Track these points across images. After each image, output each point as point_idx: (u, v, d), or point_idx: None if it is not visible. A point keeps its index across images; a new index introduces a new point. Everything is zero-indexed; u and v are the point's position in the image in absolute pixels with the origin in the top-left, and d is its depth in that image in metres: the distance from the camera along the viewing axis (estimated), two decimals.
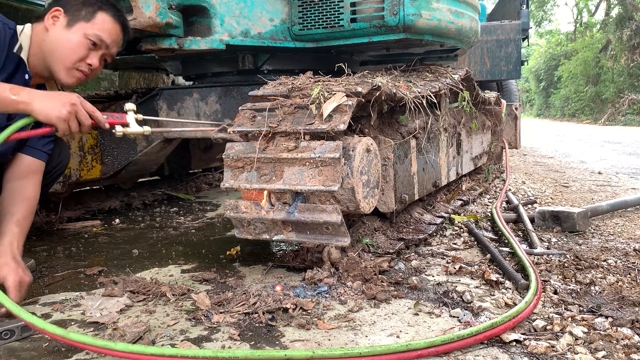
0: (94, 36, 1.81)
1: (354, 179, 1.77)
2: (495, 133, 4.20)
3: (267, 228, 1.89)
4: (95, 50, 1.84)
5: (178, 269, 2.13)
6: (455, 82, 2.74)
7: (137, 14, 2.11)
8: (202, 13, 2.35)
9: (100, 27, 1.83)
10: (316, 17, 2.52)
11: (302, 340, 1.42)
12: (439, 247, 2.31)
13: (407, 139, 2.29)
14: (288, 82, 2.02)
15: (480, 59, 6.65)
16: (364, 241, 2.04)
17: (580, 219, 2.56)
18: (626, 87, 18.37)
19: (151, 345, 1.38)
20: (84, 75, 1.85)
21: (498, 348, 1.36)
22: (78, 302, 1.77)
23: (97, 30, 1.82)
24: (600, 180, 4.47)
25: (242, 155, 1.87)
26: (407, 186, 2.31)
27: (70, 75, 1.83)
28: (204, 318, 1.57)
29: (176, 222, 3.05)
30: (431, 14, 2.50)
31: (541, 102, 29.16)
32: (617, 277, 1.85)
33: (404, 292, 1.77)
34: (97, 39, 1.82)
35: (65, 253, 2.43)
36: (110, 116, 1.83)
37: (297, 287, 1.80)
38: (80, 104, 1.67)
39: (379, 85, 1.92)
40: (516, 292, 1.75)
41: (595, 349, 1.33)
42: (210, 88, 2.76)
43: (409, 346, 1.28)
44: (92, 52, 1.84)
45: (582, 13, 28.11)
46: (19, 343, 1.46)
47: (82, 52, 1.81)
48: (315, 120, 1.80)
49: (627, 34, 18.56)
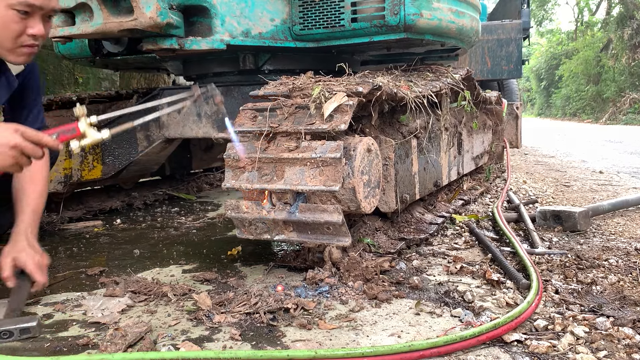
0: (20, 4, 1.54)
1: (355, 179, 1.77)
2: (497, 132, 4.20)
3: (269, 228, 1.89)
4: (31, 17, 1.58)
5: (179, 269, 2.13)
6: (456, 81, 2.74)
7: (137, 14, 2.11)
8: (202, 13, 2.35)
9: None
10: (317, 17, 2.52)
11: (303, 340, 1.42)
12: (440, 247, 2.31)
13: (408, 139, 2.29)
14: (289, 82, 2.02)
15: (481, 58, 6.65)
16: (365, 241, 2.04)
17: (582, 218, 2.56)
18: (627, 86, 18.34)
19: (153, 345, 1.39)
20: (33, 47, 1.64)
21: (499, 348, 1.36)
22: (79, 302, 1.77)
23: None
24: (601, 179, 4.47)
25: (242, 155, 1.87)
26: (408, 186, 2.31)
27: (18, 54, 1.63)
28: (205, 318, 1.57)
29: (177, 222, 3.05)
30: (432, 14, 2.49)
31: (542, 101, 29.13)
32: (618, 276, 1.85)
33: (405, 291, 1.77)
34: (25, 5, 1.54)
35: (67, 253, 2.43)
36: (61, 132, 1.60)
37: (298, 287, 1.80)
38: (22, 138, 1.47)
39: (379, 85, 1.92)
40: (517, 292, 1.75)
41: (596, 348, 1.33)
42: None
43: (412, 347, 1.28)
44: (29, 21, 1.58)
45: (583, 12, 28.11)
46: (21, 343, 1.46)
47: (16, 27, 1.57)
48: (316, 120, 1.80)
49: (628, 33, 18.54)
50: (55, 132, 1.59)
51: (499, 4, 8.44)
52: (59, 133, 1.59)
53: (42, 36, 1.63)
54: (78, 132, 1.61)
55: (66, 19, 2.29)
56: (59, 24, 2.29)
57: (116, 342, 1.36)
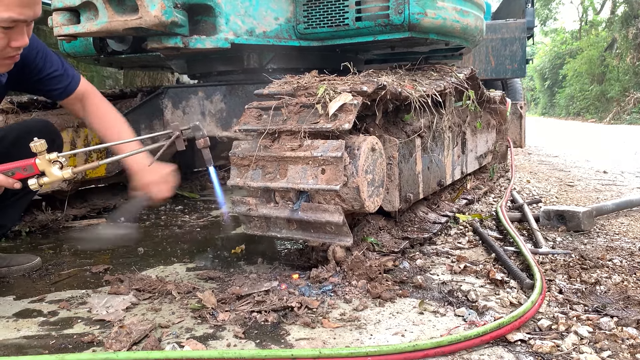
0: (3, 21, 1.42)
1: (359, 178, 1.77)
2: (500, 132, 4.19)
3: (274, 225, 1.90)
4: (13, 30, 1.47)
5: (183, 267, 2.14)
6: (460, 81, 2.74)
7: (142, 13, 2.12)
8: (207, 12, 2.36)
9: (5, 5, 1.41)
10: (321, 16, 2.53)
11: (307, 338, 1.42)
12: (443, 246, 2.31)
13: (412, 138, 2.29)
14: (293, 81, 2.02)
15: (485, 57, 6.63)
16: (368, 240, 2.04)
17: (586, 218, 2.56)
18: (632, 86, 18.26)
19: (158, 343, 1.39)
20: (15, 57, 1.57)
21: (503, 347, 1.36)
22: (84, 300, 1.78)
23: (3, 12, 1.40)
24: (605, 179, 4.46)
25: (247, 153, 1.88)
26: (412, 185, 2.31)
27: (0, 66, 1.57)
28: (210, 316, 1.58)
29: (181, 221, 3.06)
30: (436, 13, 2.49)
31: (546, 100, 29.04)
32: (622, 276, 1.85)
33: (408, 291, 1.77)
34: (8, 21, 1.43)
35: (71, 251, 2.44)
36: (18, 169, 1.49)
37: (302, 285, 1.80)
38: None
39: (384, 85, 1.92)
40: (521, 292, 1.75)
41: (600, 348, 1.33)
42: (215, 87, 2.77)
43: (416, 346, 1.28)
44: (13, 34, 1.47)
45: (587, 11, 27.99)
46: (27, 340, 1.47)
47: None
48: (321, 119, 1.80)
49: (632, 32, 18.46)
50: (11, 169, 1.49)
51: (503, 3, 8.41)
52: (14, 170, 1.48)
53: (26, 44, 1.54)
54: (36, 170, 1.50)
55: (71, 17, 2.29)
56: (64, 22, 2.30)
57: (121, 340, 1.37)
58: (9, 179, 1.49)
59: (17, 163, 1.49)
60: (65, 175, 1.52)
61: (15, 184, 1.50)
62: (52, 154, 1.51)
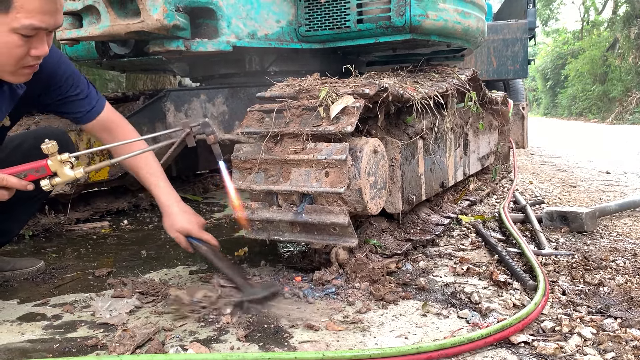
0: (24, 28, 1.39)
1: (361, 180, 1.78)
2: (503, 133, 4.19)
3: (276, 228, 1.90)
4: (35, 39, 1.45)
5: (186, 270, 2.14)
6: (462, 82, 2.74)
7: (144, 17, 2.13)
8: (209, 15, 2.36)
9: (27, 12, 1.38)
10: (323, 18, 2.53)
11: (310, 341, 1.42)
12: (446, 248, 2.31)
13: (414, 140, 2.29)
14: (295, 84, 2.02)
15: (487, 58, 6.64)
16: (371, 242, 2.04)
17: (589, 219, 2.55)
18: (634, 86, 18.24)
19: (161, 346, 1.39)
20: (35, 67, 1.55)
21: (506, 349, 1.36)
22: (88, 303, 1.78)
23: (25, 19, 1.38)
24: (608, 179, 4.45)
25: (250, 156, 1.88)
26: (415, 187, 2.31)
27: (19, 75, 1.53)
28: (213, 319, 1.58)
29: None
30: (438, 15, 2.49)
31: (548, 101, 29.00)
32: (626, 277, 1.85)
33: (411, 293, 1.77)
34: (29, 29, 1.41)
35: (75, 254, 2.45)
36: (30, 171, 1.49)
37: (305, 288, 1.80)
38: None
39: (386, 87, 1.92)
40: (524, 293, 1.75)
41: (604, 350, 1.33)
42: (217, 89, 2.77)
43: (419, 348, 1.28)
44: (33, 42, 1.45)
45: (589, 11, 27.97)
46: (31, 344, 1.47)
47: (18, 51, 1.44)
48: (323, 122, 1.81)
49: (634, 32, 18.44)
50: (23, 171, 1.49)
51: (505, 3, 8.42)
52: (26, 172, 1.49)
53: (45, 53, 1.52)
54: (48, 171, 1.51)
55: (73, 21, 2.31)
56: (67, 26, 2.31)
57: (124, 343, 1.37)
58: (22, 181, 1.49)
59: (29, 165, 1.50)
60: (77, 174, 1.53)
61: (28, 185, 1.50)
62: (63, 155, 1.52)
